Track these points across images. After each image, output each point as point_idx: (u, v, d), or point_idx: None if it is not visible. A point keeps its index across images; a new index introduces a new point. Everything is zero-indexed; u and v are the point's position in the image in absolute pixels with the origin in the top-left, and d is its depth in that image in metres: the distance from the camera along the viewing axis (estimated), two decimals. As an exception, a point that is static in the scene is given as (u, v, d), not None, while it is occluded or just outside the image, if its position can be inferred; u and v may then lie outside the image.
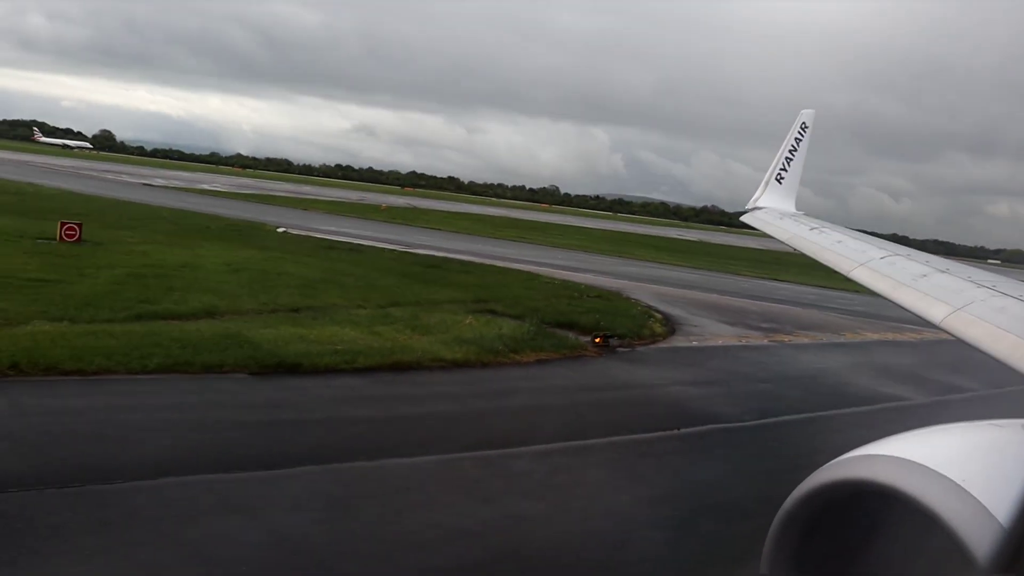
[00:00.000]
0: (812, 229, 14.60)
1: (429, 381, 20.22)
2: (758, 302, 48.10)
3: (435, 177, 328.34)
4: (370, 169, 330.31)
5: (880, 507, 3.20)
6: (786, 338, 35.08)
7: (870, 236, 13.61)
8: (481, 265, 47.15)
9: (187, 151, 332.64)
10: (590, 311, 32.96)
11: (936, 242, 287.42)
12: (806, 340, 35.44)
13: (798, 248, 14.10)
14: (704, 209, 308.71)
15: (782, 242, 15.40)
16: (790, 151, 19.79)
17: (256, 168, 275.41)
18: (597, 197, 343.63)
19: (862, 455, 3.28)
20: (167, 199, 79.13)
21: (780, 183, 19.59)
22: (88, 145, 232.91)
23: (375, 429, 16.16)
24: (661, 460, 16.09)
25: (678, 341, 30.77)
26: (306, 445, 14.57)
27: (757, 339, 33.92)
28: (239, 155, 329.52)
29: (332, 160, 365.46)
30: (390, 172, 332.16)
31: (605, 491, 13.84)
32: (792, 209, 18.87)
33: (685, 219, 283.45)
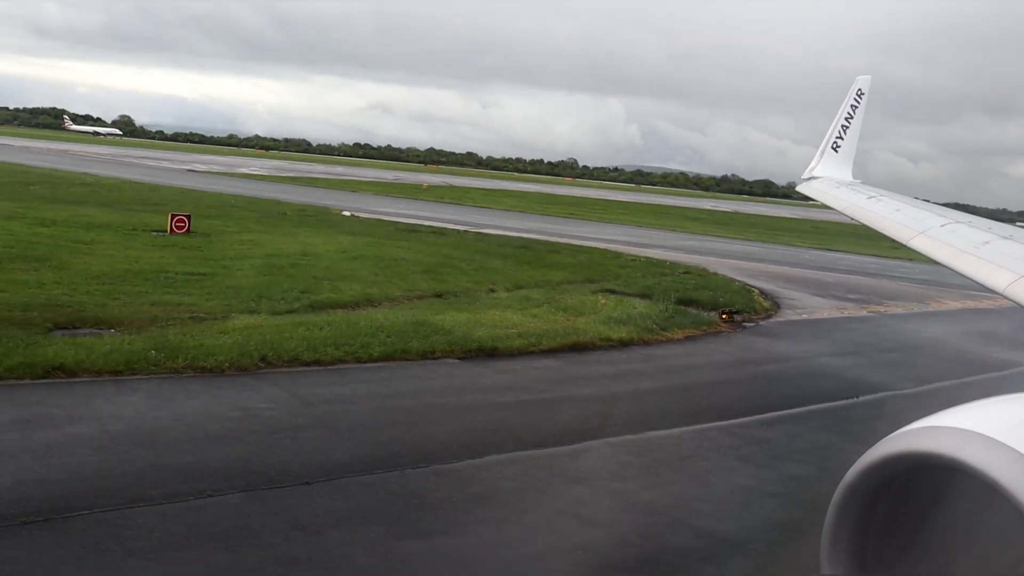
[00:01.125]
0: (870, 198, 14.56)
1: (613, 359, 21.71)
2: (829, 273, 49.22)
3: (454, 153, 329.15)
4: (388, 147, 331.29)
5: (942, 480, 3.12)
6: (880, 308, 36.29)
7: (929, 204, 13.59)
8: (559, 244, 48.33)
9: (206, 134, 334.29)
10: (697, 288, 34.28)
11: (957, 205, 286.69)
12: (899, 310, 36.63)
13: (855, 218, 14.17)
14: (724, 179, 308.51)
15: (839, 211, 15.41)
16: (846, 119, 19.70)
17: (277, 149, 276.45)
18: (616, 169, 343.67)
19: (922, 427, 3.17)
20: (221, 185, 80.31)
21: (836, 152, 19.47)
22: (117, 131, 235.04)
23: (611, 405, 17.76)
24: (866, 425, 17.33)
25: (788, 315, 32.04)
26: (567, 422, 16.14)
27: (855, 311, 35.13)
28: (257, 136, 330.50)
29: (348, 139, 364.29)
30: (408, 149, 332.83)
31: (845, 452, 15.22)
32: (849, 178, 18.79)
33: (706, 189, 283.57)
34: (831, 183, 17.78)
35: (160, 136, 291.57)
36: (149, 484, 11.10)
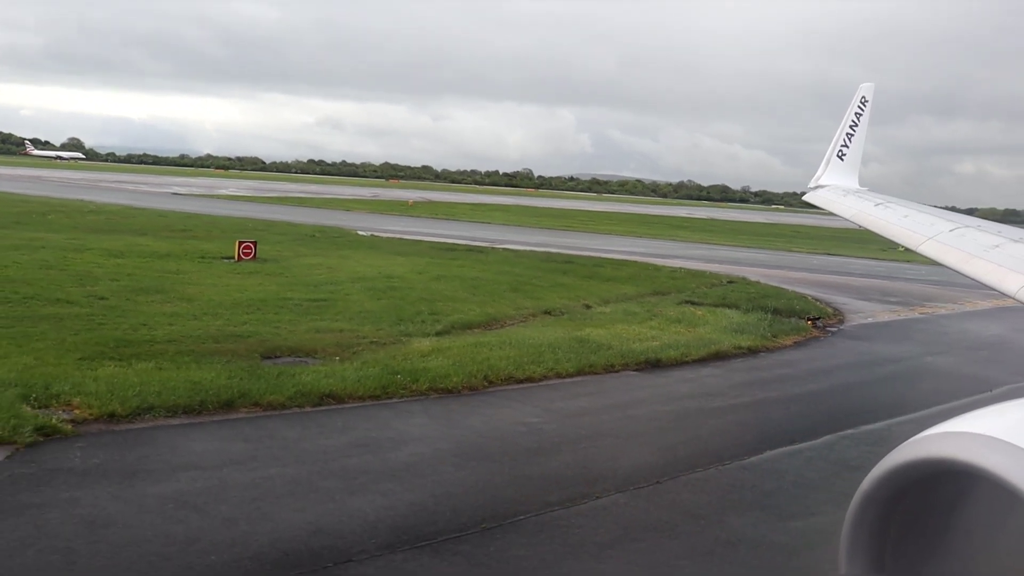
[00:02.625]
0: (877, 205, 14.64)
1: (759, 365, 23.71)
2: (850, 278, 51.56)
3: (410, 167, 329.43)
4: (343, 162, 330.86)
5: (961, 486, 3.10)
6: (926, 310, 38.52)
7: (937, 209, 13.55)
8: (594, 258, 49.88)
9: (156, 154, 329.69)
10: (762, 296, 36.16)
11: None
12: (943, 311, 38.90)
13: (864, 225, 14.17)
14: (681, 185, 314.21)
15: (847, 220, 15.47)
16: (851, 126, 19.66)
17: (233, 168, 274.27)
18: (572, 178, 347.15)
19: (940, 432, 3.12)
20: (218, 208, 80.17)
21: (842, 160, 19.47)
22: (80, 155, 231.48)
23: (809, 404, 19.98)
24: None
25: (857, 319, 34.02)
26: (797, 419, 18.36)
27: (906, 312, 37.30)
28: (209, 155, 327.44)
29: (298, 155, 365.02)
30: (363, 164, 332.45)
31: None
32: (855, 185, 18.78)
33: (664, 195, 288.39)
34: (838, 191, 17.82)
35: (112, 158, 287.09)
36: (539, 491, 12.64)
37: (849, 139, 19.51)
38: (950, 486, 3.12)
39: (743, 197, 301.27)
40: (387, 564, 9.89)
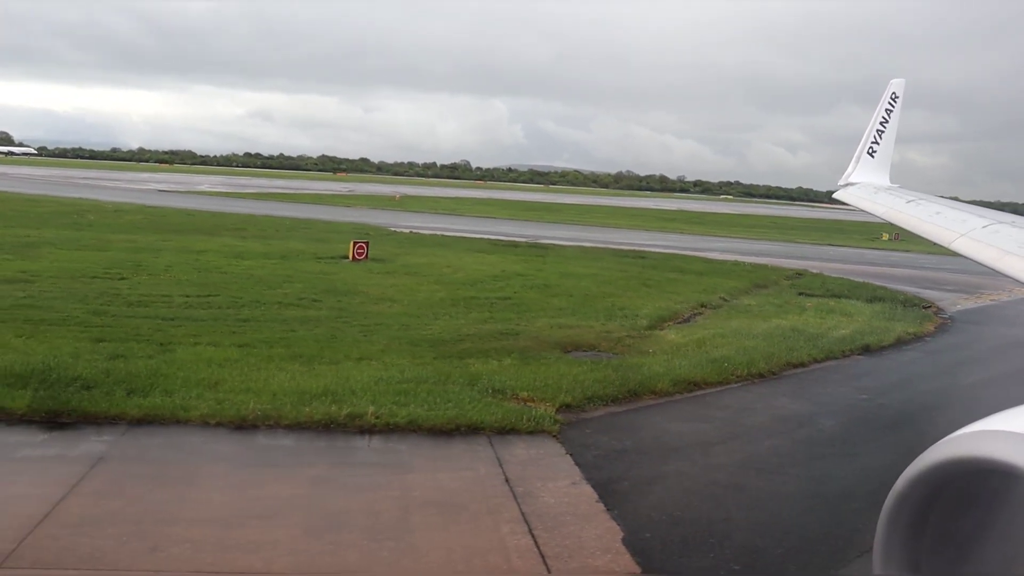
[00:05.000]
0: (909, 202, 14.66)
1: (939, 348, 26.94)
2: (886, 268, 54.97)
3: (349, 160, 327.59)
4: (281, 155, 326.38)
5: (997, 486, 3.07)
6: (990, 297, 42.07)
7: (969, 205, 13.43)
8: (656, 253, 52.43)
9: (85, 148, 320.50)
10: (852, 287, 39.37)
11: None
12: (1005, 297, 42.62)
13: (895, 222, 14.34)
14: (620, 175, 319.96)
15: (878, 217, 15.72)
16: (881, 123, 19.69)
17: (167, 162, 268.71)
18: (511, 170, 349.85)
19: (975, 431, 3.08)
20: (227, 206, 79.79)
21: (872, 157, 19.51)
22: (33, 151, 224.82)
23: None
24: None
25: (947, 308, 37.39)
26: None
27: (977, 300, 40.75)
28: (141, 149, 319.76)
29: (229, 148, 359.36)
30: (300, 157, 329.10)
31: None
32: (887, 182, 18.85)
33: (605, 186, 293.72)
34: (869, 188, 17.92)
35: (44, 152, 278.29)
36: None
37: (879, 136, 19.62)
38: (986, 486, 3.11)
39: (683, 187, 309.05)
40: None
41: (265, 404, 14.33)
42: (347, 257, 39.99)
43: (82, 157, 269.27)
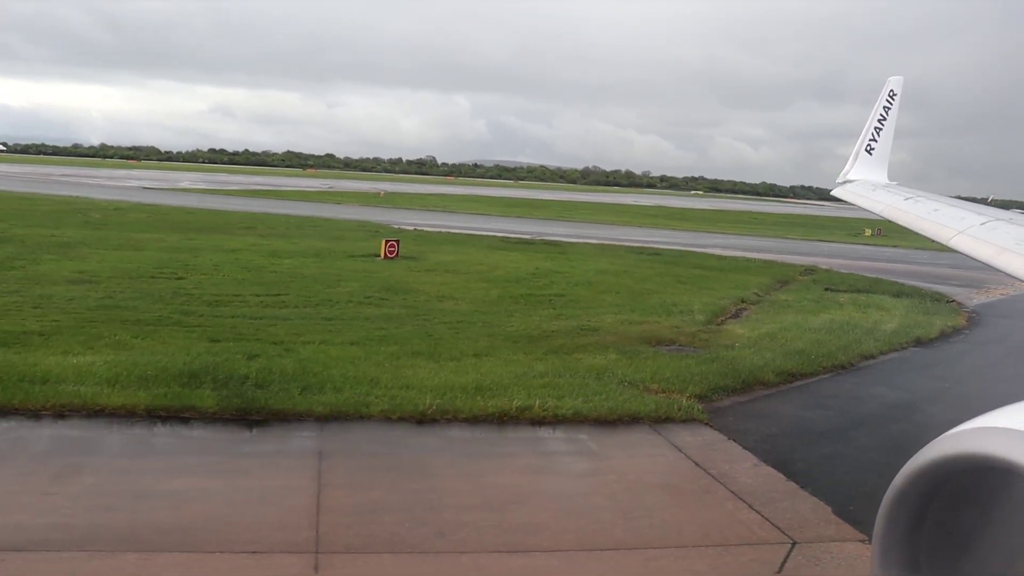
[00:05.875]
0: (907, 199, 14.71)
1: (986, 339, 28.48)
2: (885, 264, 56.58)
3: (314, 155, 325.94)
4: (246, 151, 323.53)
5: (996, 483, 3.06)
6: (997, 292, 43.73)
7: (967, 202, 13.59)
8: (671, 250, 53.51)
9: (43, 143, 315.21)
10: (871, 281, 40.94)
11: (804, 187, 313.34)
12: (1012, 292, 44.28)
13: (893, 219, 14.37)
14: (587, 171, 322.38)
15: (876, 214, 15.88)
16: (879, 120, 19.71)
17: (132, 158, 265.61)
18: (477, 165, 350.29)
19: (973, 428, 3.09)
20: (221, 203, 79.47)
21: (870, 154, 19.53)
22: (2, 147, 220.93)
23: None
24: None
25: (966, 302, 39.00)
26: None
27: (987, 295, 42.33)
28: (103, 145, 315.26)
29: (190, 144, 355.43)
30: (264, 153, 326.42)
31: None
32: (885, 180, 18.88)
33: (573, 181, 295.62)
34: (867, 186, 18.02)
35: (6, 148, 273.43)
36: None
37: (877, 133, 19.66)
38: (986, 483, 3.10)
39: (650, 183, 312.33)
40: None
41: (438, 399, 15.10)
42: (379, 255, 40.58)
43: (45, 153, 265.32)
